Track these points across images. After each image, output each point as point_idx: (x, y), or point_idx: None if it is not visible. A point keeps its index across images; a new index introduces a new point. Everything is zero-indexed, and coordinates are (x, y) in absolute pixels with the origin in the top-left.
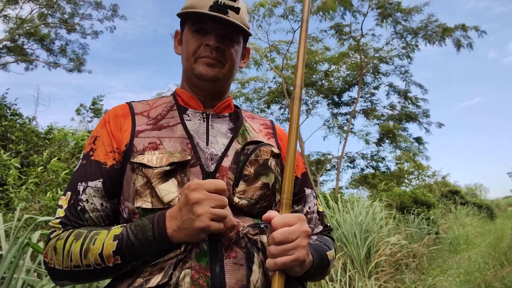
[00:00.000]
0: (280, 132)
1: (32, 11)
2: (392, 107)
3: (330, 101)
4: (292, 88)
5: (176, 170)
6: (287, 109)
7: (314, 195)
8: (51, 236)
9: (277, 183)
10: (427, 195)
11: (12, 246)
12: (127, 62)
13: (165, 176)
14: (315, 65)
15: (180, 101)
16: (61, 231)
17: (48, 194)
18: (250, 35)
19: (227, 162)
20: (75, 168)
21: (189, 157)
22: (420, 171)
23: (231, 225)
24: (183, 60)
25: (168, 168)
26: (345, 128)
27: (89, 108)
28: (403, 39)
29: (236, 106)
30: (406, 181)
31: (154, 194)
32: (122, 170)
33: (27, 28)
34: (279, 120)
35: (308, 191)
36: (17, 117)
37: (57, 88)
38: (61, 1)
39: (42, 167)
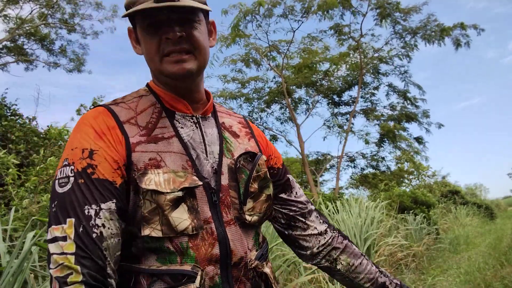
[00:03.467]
0: (255, 130)
1: (32, 11)
2: (392, 107)
3: (330, 101)
4: (292, 87)
5: (186, 195)
6: (287, 109)
7: (294, 180)
8: (68, 281)
9: (273, 190)
10: (427, 195)
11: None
12: (127, 62)
13: (177, 202)
14: (315, 65)
15: (164, 103)
16: (80, 280)
17: (46, 196)
18: (210, 10)
19: (224, 180)
20: (63, 189)
21: (197, 180)
22: (420, 171)
23: (240, 257)
24: (148, 61)
25: (180, 194)
26: (345, 128)
27: (89, 108)
28: (402, 39)
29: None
30: (406, 181)
31: (165, 222)
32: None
33: (27, 28)
34: (280, 120)
35: (290, 177)
36: (17, 117)
37: (57, 88)
38: (61, 1)
39: (40, 167)
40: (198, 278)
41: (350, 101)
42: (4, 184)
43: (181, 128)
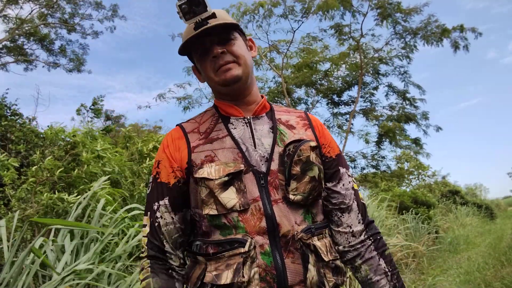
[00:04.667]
0: (314, 121)
1: (32, 11)
2: (391, 107)
3: (329, 101)
4: (292, 87)
5: (233, 179)
6: None
7: (349, 174)
8: (141, 255)
9: (321, 173)
10: (427, 195)
11: (16, 249)
12: (127, 62)
13: (225, 185)
14: (315, 65)
15: (221, 111)
16: (145, 255)
17: (44, 195)
18: (239, 26)
19: (274, 165)
20: (148, 191)
21: (242, 167)
22: (420, 171)
23: (287, 230)
24: (208, 82)
25: (226, 178)
26: (345, 127)
27: (90, 108)
28: (402, 39)
29: (270, 104)
30: (406, 181)
31: (217, 202)
32: (187, 184)
33: (27, 28)
34: None
35: (342, 170)
36: (17, 117)
37: (57, 88)
38: (61, 1)
39: (36, 167)
40: (248, 244)
41: (350, 101)
42: (4, 184)
43: (233, 129)
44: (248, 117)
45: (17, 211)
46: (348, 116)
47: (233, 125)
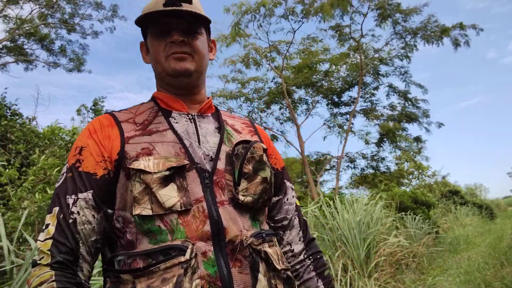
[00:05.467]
0: (260, 131)
1: (32, 11)
2: (392, 107)
3: (329, 101)
4: (292, 88)
5: (174, 175)
6: (287, 109)
7: (293, 188)
8: (38, 262)
9: (273, 176)
10: (427, 195)
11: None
12: (127, 62)
13: (165, 181)
14: (315, 65)
15: (162, 104)
16: (47, 262)
17: (37, 195)
18: (210, 22)
19: (221, 165)
20: (58, 184)
21: (186, 162)
22: (420, 171)
23: (234, 235)
24: (154, 65)
25: (167, 173)
26: (345, 128)
27: (90, 109)
28: (402, 39)
29: (215, 107)
30: (406, 181)
31: (154, 200)
32: (115, 179)
33: (27, 28)
34: (279, 120)
35: (288, 183)
36: (17, 117)
37: (57, 88)
38: (61, 1)
39: (37, 166)
40: (189, 251)
41: (350, 101)
42: (4, 184)
43: (175, 123)
44: (193, 114)
45: (26, 209)
46: (348, 116)
47: (175, 119)
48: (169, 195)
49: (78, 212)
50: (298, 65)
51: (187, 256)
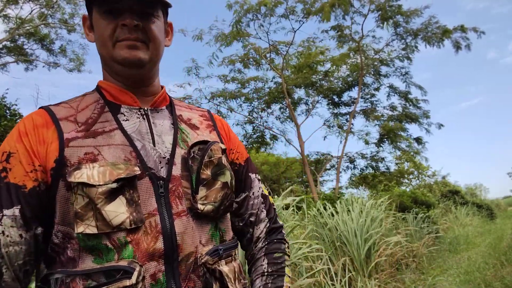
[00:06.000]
0: (219, 122)
1: (32, 11)
2: (392, 108)
3: (329, 101)
4: (292, 87)
5: (124, 187)
6: (287, 109)
7: (259, 178)
8: None
9: (233, 180)
10: (427, 195)
11: None
12: None
13: (112, 194)
14: (315, 65)
15: (108, 97)
16: None
17: None
18: (170, 6)
19: (176, 170)
20: None
21: (137, 170)
22: (420, 171)
23: (189, 252)
24: (99, 48)
25: (115, 185)
26: (345, 128)
27: None
28: (403, 41)
29: (169, 97)
30: (406, 181)
31: (99, 217)
32: (52, 190)
33: (27, 28)
34: (279, 119)
35: (252, 176)
36: (17, 117)
37: (57, 88)
38: (61, 1)
39: None
40: (136, 273)
41: (350, 102)
42: None
43: (125, 121)
44: (146, 108)
45: None
46: (348, 116)
47: (124, 115)
48: (117, 211)
49: (2, 232)
50: (298, 64)
51: (133, 280)
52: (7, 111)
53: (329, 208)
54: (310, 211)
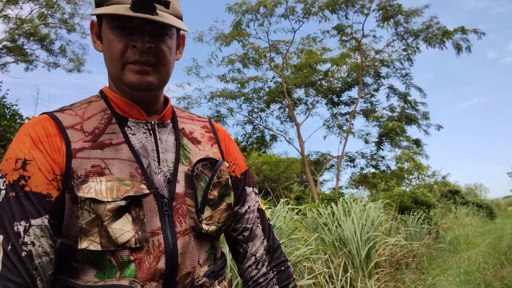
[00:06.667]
0: (221, 133)
1: (32, 11)
2: (391, 109)
3: (329, 101)
4: (291, 87)
5: (130, 204)
6: (287, 109)
7: (256, 192)
8: None
9: (234, 198)
10: (427, 195)
11: None
12: None
13: (119, 212)
14: (315, 64)
15: (115, 108)
16: None
17: None
18: (186, 30)
19: (180, 188)
20: None
21: (145, 189)
22: (420, 171)
23: (186, 272)
24: (107, 64)
25: (123, 203)
26: (345, 128)
27: None
28: (404, 41)
29: (172, 108)
30: (406, 181)
31: (104, 234)
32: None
33: (27, 28)
34: (279, 119)
35: (249, 189)
36: (17, 117)
37: (56, 88)
38: (61, 1)
39: None
40: None
41: (350, 102)
42: None
43: (132, 135)
44: (153, 122)
45: None
46: (348, 116)
47: (131, 129)
48: (123, 229)
49: (32, 243)
50: (298, 64)
51: None
52: (7, 111)
53: (331, 208)
54: (310, 213)
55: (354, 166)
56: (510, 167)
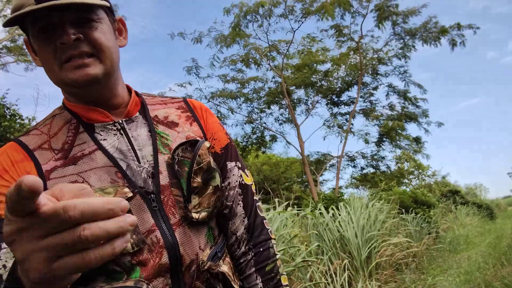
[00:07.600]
0: (198, 109)
1: None
2: (391, 107)
3: (329, 101)
4: (291, 88)
5: None
6: (287, 109)
7: (239, 166)
8: None
9: (221, 177)
10: (427, 195)
11: None
12: (127, 62)
13: None
14: (315, 64)
15: (79, 115)
16: None
17: None
18: (107, 5)
19: (164, 179)
20: None
21: (129, 192)
22: (420, 171)
23: (190, 260)
24: (46, 73)
25: None
26: (345, 127)
27: None
28: (401, 40)
29: (139, 97)
30: (406, 181)
31: None
32: None
33: None
34: (278, 120)
35: (230, 164)
36: (17, 117)
37: (56, 88)
38: None
39: None
40: None
41: (349, 101)
42: None
43: (103, 140)
44: (120, 121)
45: None
46: (348, 116)
47: (101, 135)
48: None
49: (4, 266)
50: (298, 64)
51: None
52: (6, 111)
53: (332, 209)
54: (311, 214)
55: (354, 166)
56: (510, 167)
